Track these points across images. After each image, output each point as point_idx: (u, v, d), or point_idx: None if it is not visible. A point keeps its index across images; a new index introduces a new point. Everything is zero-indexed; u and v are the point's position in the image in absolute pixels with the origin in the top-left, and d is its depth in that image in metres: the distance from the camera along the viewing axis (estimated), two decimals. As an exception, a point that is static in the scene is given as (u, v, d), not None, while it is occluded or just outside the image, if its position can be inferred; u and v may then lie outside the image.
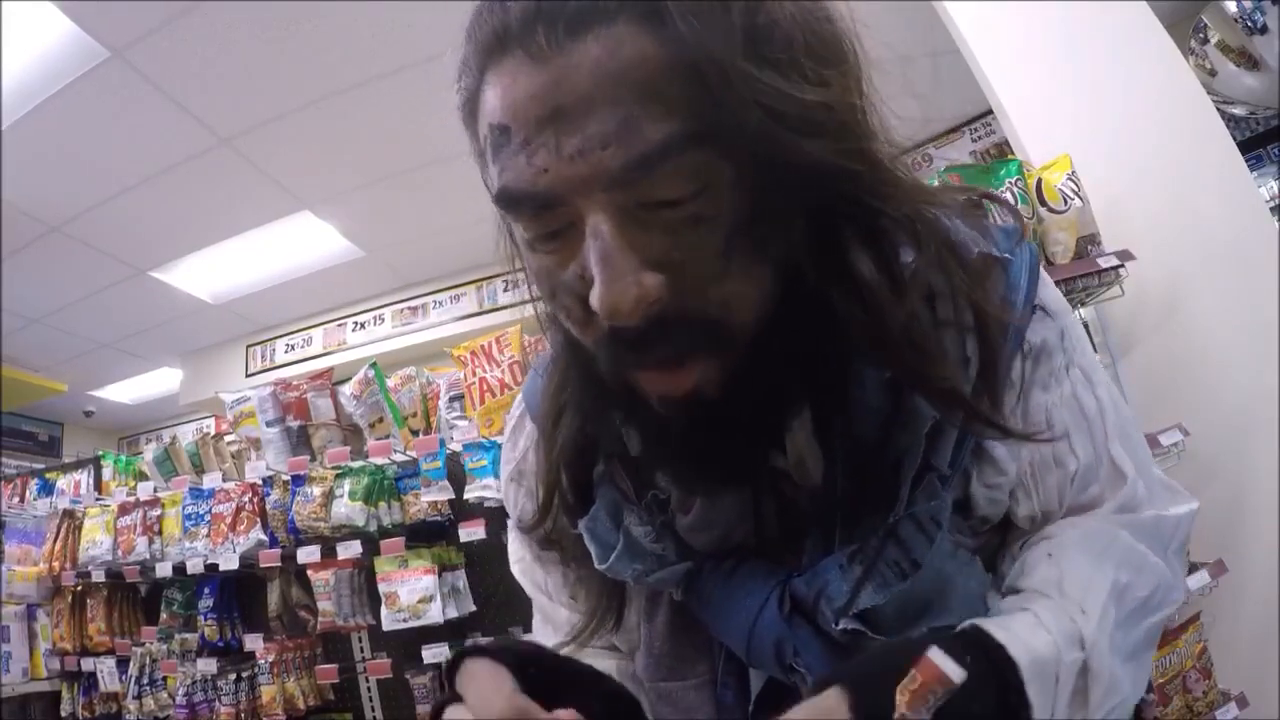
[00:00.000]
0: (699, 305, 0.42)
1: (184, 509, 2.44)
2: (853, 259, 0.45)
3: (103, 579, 2.57)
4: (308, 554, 2.19)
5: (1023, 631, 0.45)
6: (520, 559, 0.70)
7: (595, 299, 0.40)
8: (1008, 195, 1.70)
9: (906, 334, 0.45)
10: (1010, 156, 1.87)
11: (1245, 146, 3.12)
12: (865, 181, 0.44)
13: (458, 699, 0.42)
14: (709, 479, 0.50)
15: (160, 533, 2.49)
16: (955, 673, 0.35)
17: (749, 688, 0.54)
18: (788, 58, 0.40)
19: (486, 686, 0.41)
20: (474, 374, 2.18)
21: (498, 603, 2.27)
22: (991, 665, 0.42)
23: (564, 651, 0.60)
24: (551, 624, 0.69)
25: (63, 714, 2.66)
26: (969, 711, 0.40)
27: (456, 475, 2.12)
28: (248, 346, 5.42)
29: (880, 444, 0.49)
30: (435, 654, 2.03)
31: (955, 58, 2.25)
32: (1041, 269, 0.55)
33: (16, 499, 3.33)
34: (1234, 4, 2.96)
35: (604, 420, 0.53)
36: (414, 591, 2.07)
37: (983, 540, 0.55)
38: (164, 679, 2.43)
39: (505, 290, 4.64)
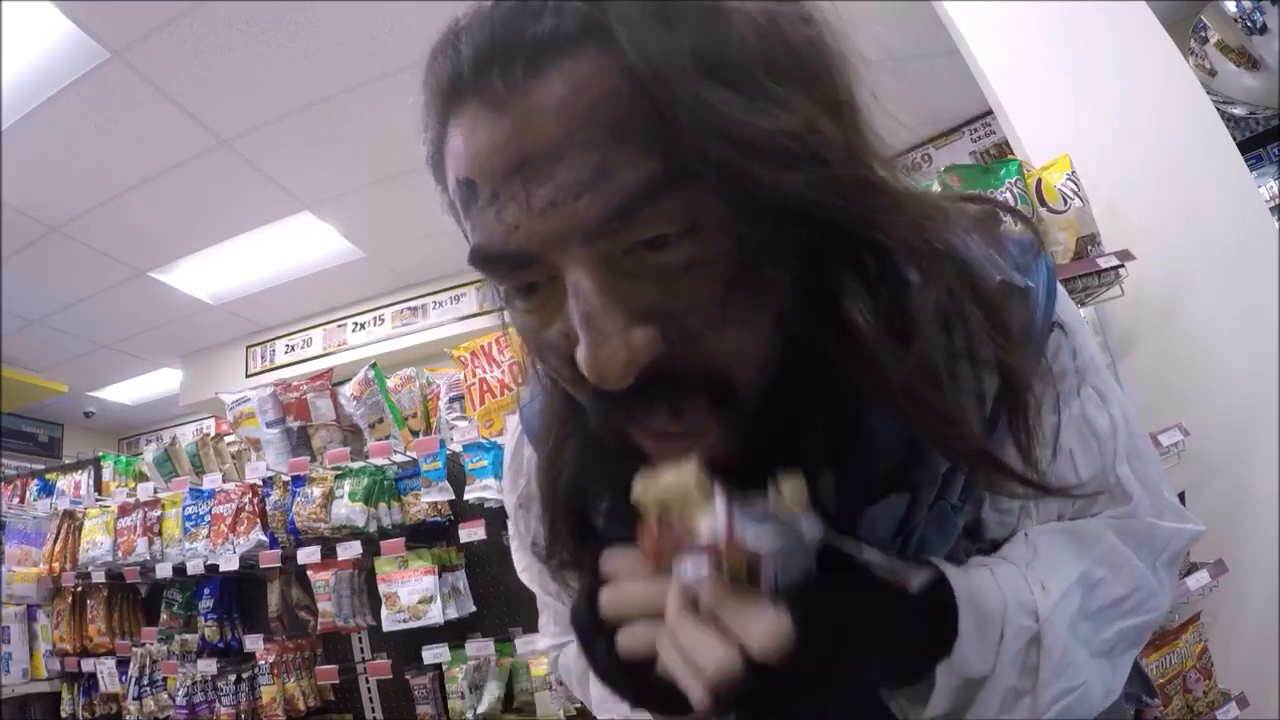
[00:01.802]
0: (697, 357, 0.39)
1: (184, 510, 2.44)
2: (846, 306, 0.40)
3: (103, 580, 2.57)
4: (308, 555, 2.18)
5: (978, 581, 0.46)
6: (527, 568, 0.71)
7: (582, 364, 0.37)
8: (1007, 196, 1.71)
9: (914, 387, 0.41)
10: (1010, 156, 1.87)
11: (1245, 146, 3.13)
12: (856, 212, 0.39)
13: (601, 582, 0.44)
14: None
15: (160, 533, 2.49)
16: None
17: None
18: (748, 77, 0.35)
19: (634, 559, 0.42)
20: (474, 374, 2.18)
21: (498, 603, 2.27)
22: (931, 592, 0.44)
23: None
24: (563, 624, 0.69)
25: (63, 715, 2.65)
26: (887, 611, 0.42)
27: (456, 476, 2.12)
28: (248, 347, 5.42)
29: (895, 481, 0.48)
30: (435, 655, 2.03)
31: (955, 58, 2.25)
32: (1057, 283, 0.53)
33: (16, 500, 3.33)
34: (1234, 4, 2.96)
35: (604, 465, 0.50)
36: (414, 592, 2.07)
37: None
38: (164, 680, 2.43)
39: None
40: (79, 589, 2.65)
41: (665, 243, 0.37)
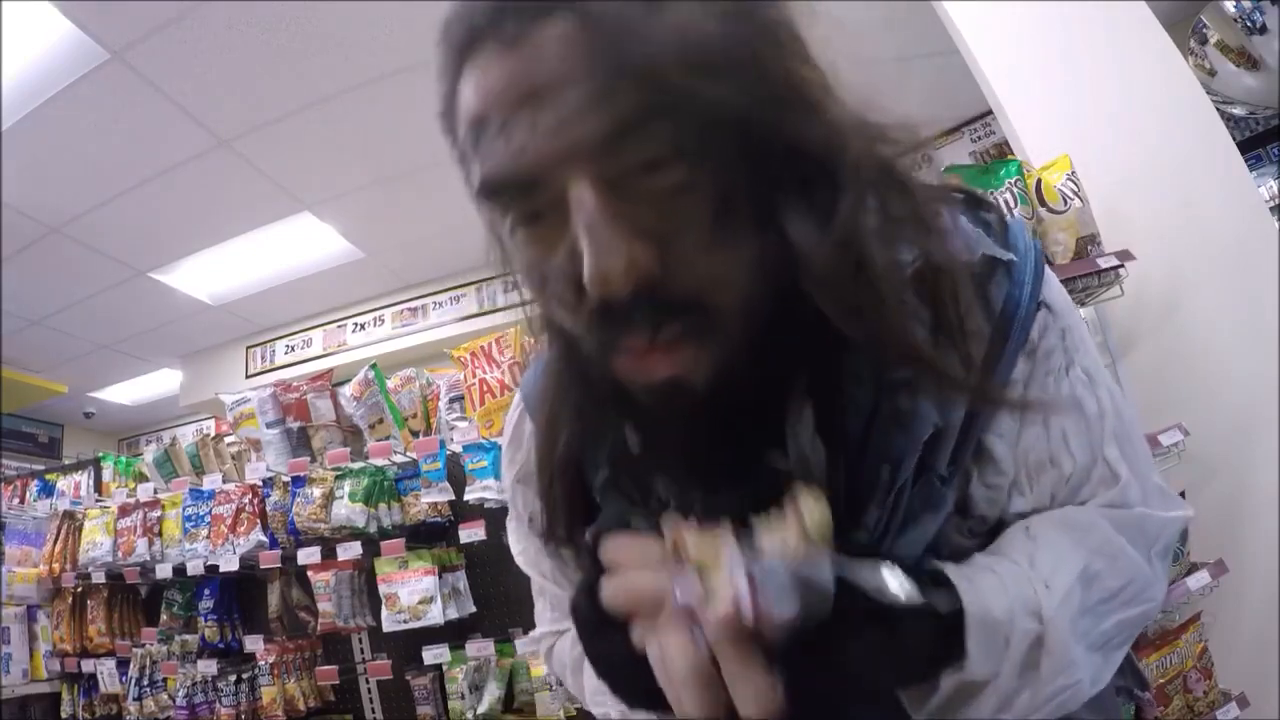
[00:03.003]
0: (687, 281, 0.42)
1: (184, 510, 2.44)
2: (793, 226, 0.44)
3: (103, 580, 2.57)
4: (308, 555, 2.18)
5: (984, 586, 0.46)
6: (523, 551, 0.70)
7: (586, 271, 0.40)
8: (1007, 196, 1.71)
9: (877, 301, 0.44)
10: (1010, 157, 1.87)
11: (1245, 146, 3.13)
12: (789, 128, 0.43)
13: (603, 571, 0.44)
14: (704, 479, 0.50)
15: (160, 534, 2.49)
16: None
17: None
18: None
19: (636, 548, 0.43)
20: (474, 375, 2.18)
21: (498, 604, 2.27)
22: (942, 600, 0.44)
23: None
24: (561, 609, 0.69)
25: (63, 715, 2.66)
26: (904, 643, 0.42)
27: (456, 476, 2.12)
28: (248, 348, 5.42)
29: (879, 446, 0.49)
30: (435, 655, 2.03)
31: (955, 58, 2.25)
32: (1047, 267, 0.55)
33: (17, 500, 3.33)
34: (1233, 4, 2.96)
35: (602, 423, 0.53)
36: (414, 592, 2.07)
37: (979, 542, 0.55)
38: (164, 680, 2.42)
39: (505, 291, 4.60)
40: (79, 589, 2.65)
41: (658, 167, 0.40)
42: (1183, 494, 1.68)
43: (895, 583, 0.42)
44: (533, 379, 0.66)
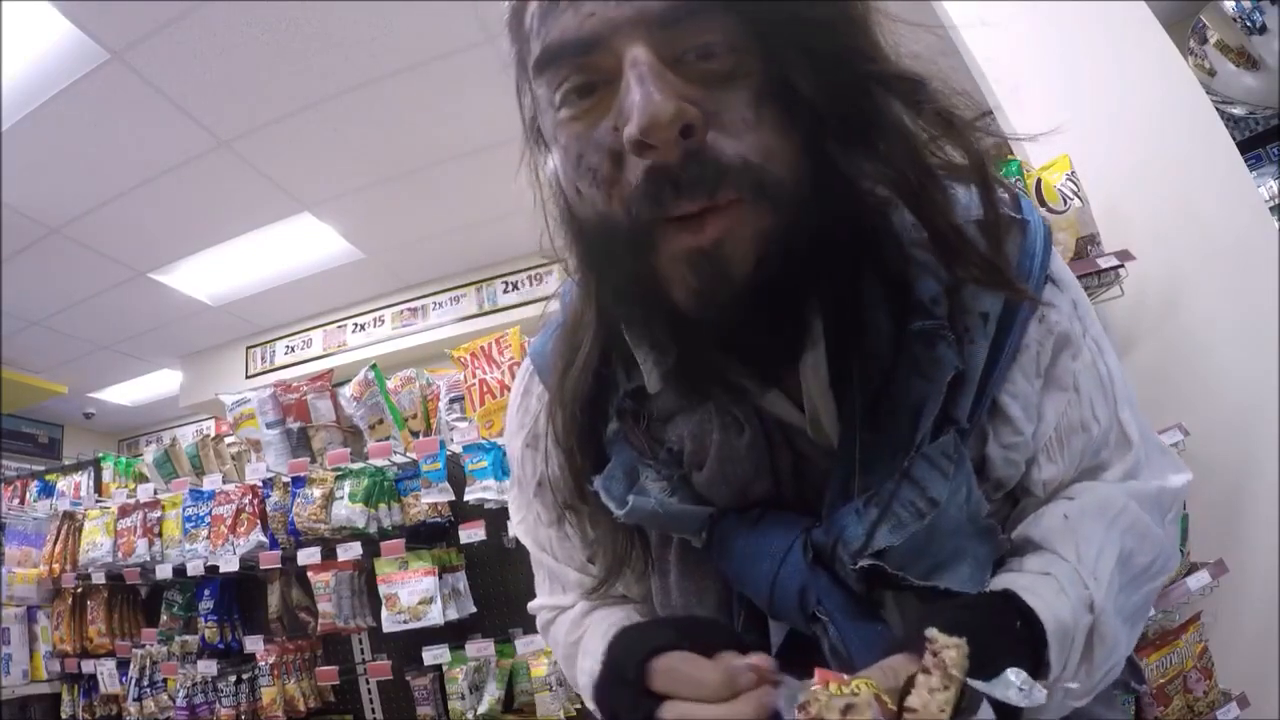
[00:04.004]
0: (734, 148, 0.43)
1: (184, 511, 2.44)
2: (874, 106, 0.46)
3: (103, 581, 2.57)
4: (308, 556, 2.18)
5: (1050, 597, 0.47)
6: (523, 520, 0.70)
7: (634, 116, 0.41)
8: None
9: (924, 174, 0.47)
10: (1010, 156, 1.87)
11: (1245, 146, 3.13)
12: (868, 40, 0.46)
13: (659, 699, 0.42)
14: (721, 381, 0.51)
15: (160, 535, 2.49)
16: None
17: (769, 641, 0.55)
18: None
19: (691, 670, 0.42)
20: (474, 375, 2.18)
21: (498, 604, 2.27)
22: (1023, 628, 0.45)
23: (581, 605, 0.66)
24: (559, 582, 0.70)
25: (63, 716, 2.66)
26: (996, 666, 0.41)
27: (456, 477, 2.12)
28: (248, 348, 5.42)
29: (901, 392, 0.50)
30: (435, 656, 2.03)
31: (954, 58, 2.25)
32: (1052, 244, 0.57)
33: (16, 501, 3.32)
34: (1233, 4, 2.96)
35: (630, 315, 0.53)
36: (414, 593, 2.07)
37: (995, 508, 0.56)
38: (164, 681, 2.43)
39: (505, 292, 4.64)
40: (79, 590, 2.65)
41: (712, 53, 0.43)
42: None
43: (1016, 689, 0.41)
44: (543, 342, 0.66)
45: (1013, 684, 0.40)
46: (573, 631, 0.67)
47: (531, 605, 0.75)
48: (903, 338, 0.50)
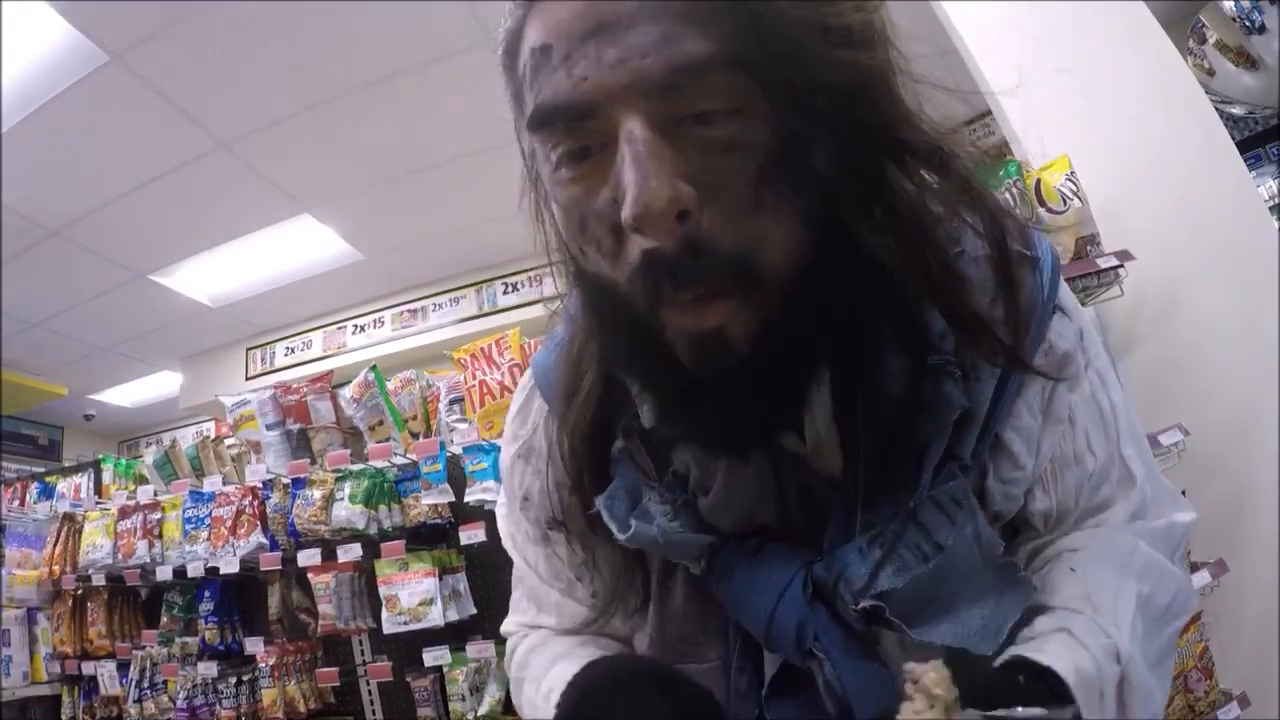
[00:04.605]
0: (731, 236, 0.42)
1: (184, 512, 2.44)
2: (890, 179, 0.44)
3: (103, 582, 2.57)
4: (308, 557, 2.18)
5: (1063, 652, 0.45)
6: (511, 535, 0.69)
7: (628, 201, 0.40)
8: (1007, 196, 1.71)
9: (940, 257, 0.46)
10: (1009, 157, 1.87)
11: (1244, 146, 3.13)
12: (890, 105, 0.44)
13: None
14: (729, 441, 0.49)
15: (160, 536, 2.49)
16: None
17: (763, 672, 0.54)
18: None
19: None
20: (474, 377, 2.18)
21: (499, 605, 2.25)
22: (1046, 687, 0.43)
23: (588, 630, 0.63)
24: (536, 603, 0.68)
25: (63, 718, 2.65)
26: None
27: (457, 478, 2.11)
28: (247, 350, 5.42)
29: (905, 430, 0.49)
30: (436, 657, 2.03)
31: (954, 58, 2.25)
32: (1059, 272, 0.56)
33: (16, 502, 3.32)
34: (1232, 4, 2.96)
35: (630, 368, 0.52)
36: (415, 594, 2.07)
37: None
38: (164, 682, 2.42)
39: (505, 293, 4.64)
40: (79, 592, 2.65)
41: (712, 119, 0.41)
42: (1183, 494, 1.68)
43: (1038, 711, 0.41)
44: (545, 356, 0.64)
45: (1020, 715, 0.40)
46: (532, 655, 0.65)
47: (505, 625, 0.72)
48: (909, 374, 0.49)
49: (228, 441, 2.68)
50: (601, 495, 0.54)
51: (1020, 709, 0.40)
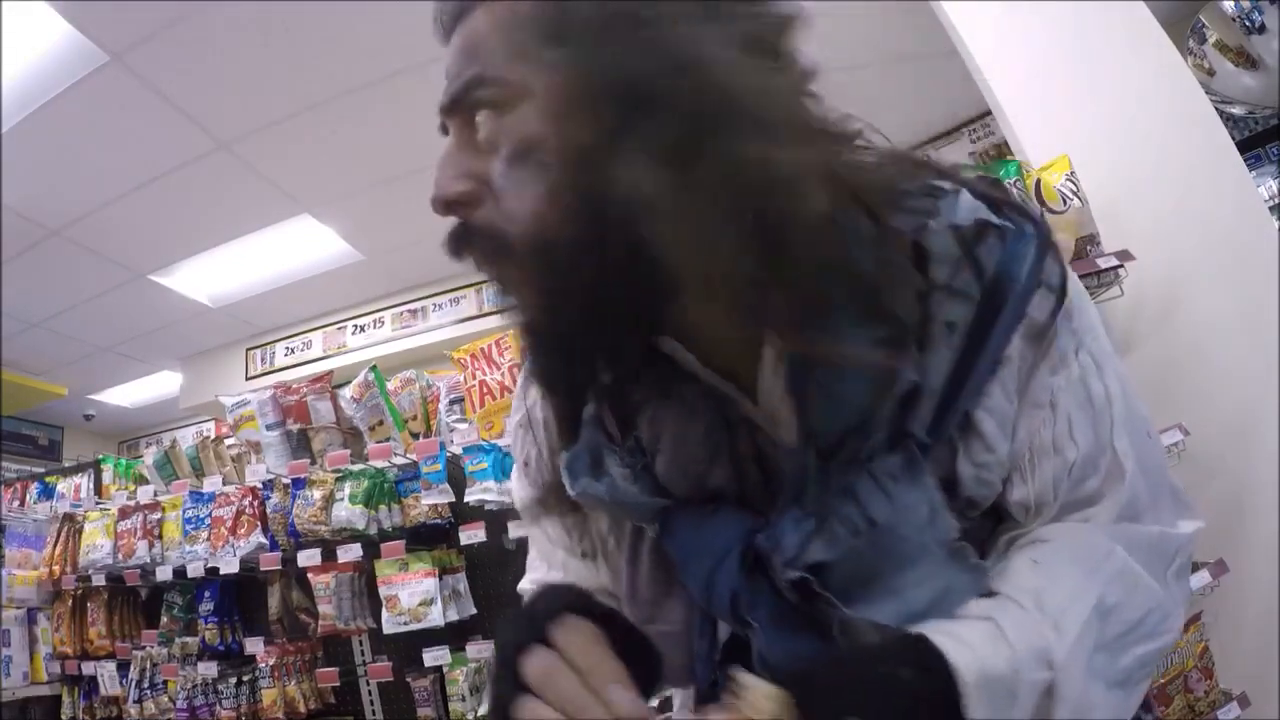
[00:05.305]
0: (490, 215, 0.47)
1: (184, 512, 2.44)
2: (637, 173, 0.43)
3: (103, 583, 2.57)
4: (308, 557, 2.18)
5: (976, 642, 0.44)
6: (522, 499, 0.71)
7: None
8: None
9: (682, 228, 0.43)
10: (1009, 157, 1.87)
11: (1244, 146, 3.13)
12: (675, 88, 0.42)
13: (546, 643, 0.46)
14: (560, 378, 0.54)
15: (160, 536, 2.49)
16: None
17: (718, 636, 0.55)
18: None
19: (587, 646, 0.45)
20: (474, 377, 2.18)
21: (499, 605, 2.27)
22: (928, 676, 0.42)
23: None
24: (547, 561, 0.71)
25: (63, 718, 2.65)
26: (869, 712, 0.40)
27: (457, 478, 2.11)
28: (247, 350, 5.42)
29: (854, 400, 0.48)
30: (436, 657, 2.03)
31: (954, 58, 2.25)
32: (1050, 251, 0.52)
33: (17, 503, 3.32)
34: (1232, 3, 2.96)
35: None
36: (415, 594, 2.07)
37: (972, 525, 0.52)
38: (164, 683, 2.42)
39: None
40: (79, 592, 2.65)
41: (475, 114, 0.47)
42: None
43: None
44: None
45: None
46: None
47: (520, 585, 0.74)
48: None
49: (228, 442, 2.68)
50: (565, 453, 0.56)
51: None
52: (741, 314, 0.47)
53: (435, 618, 2.04)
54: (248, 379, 5.30)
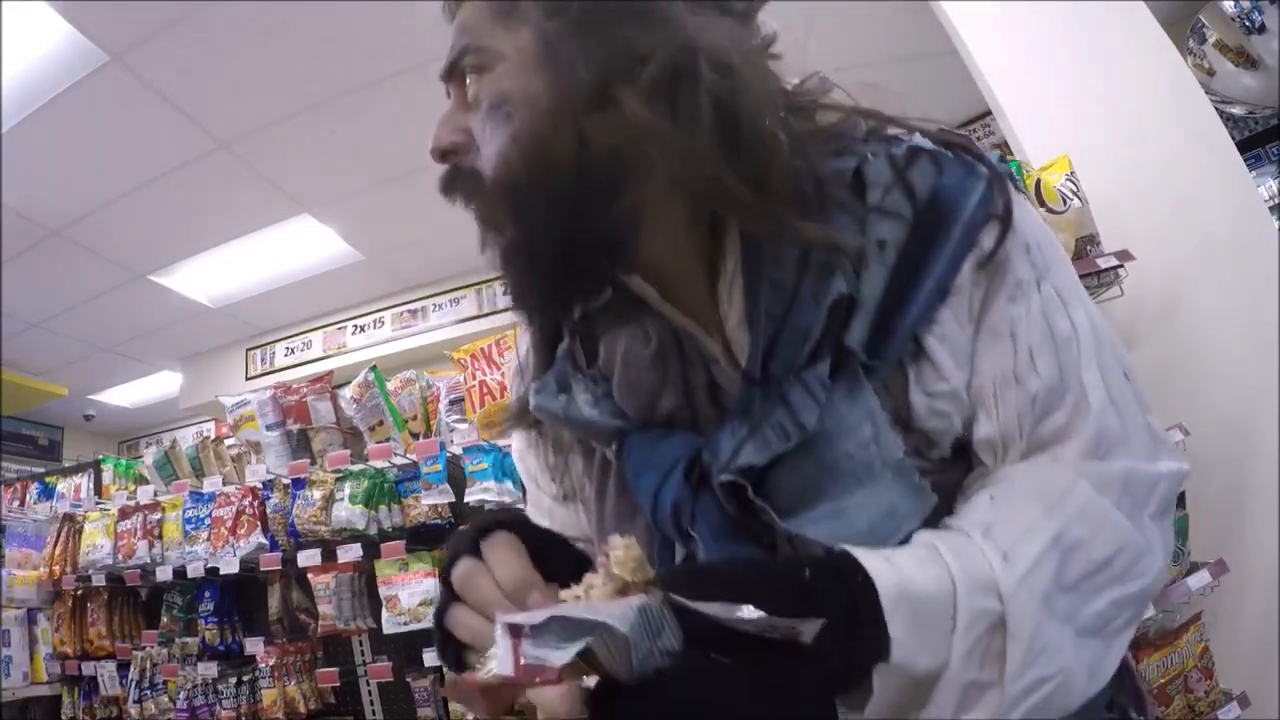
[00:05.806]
0: (473, 160, 0.53)
1: (184, 513, 2.44)
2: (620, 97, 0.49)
3: (103, 583, 2.57)
4: (308, 557, 2.18)
5: (904, 563, 0.43)
6: (516, 448, 0.74)
7: None
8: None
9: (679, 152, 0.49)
10: (1009, 157, 1.87)
11: (1244, 146, 3.13)
12: (624, 29, 0.48)
13: (476, 556, 0.48)
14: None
15: (160, 536, 2.49)
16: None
17: (675, 557, 0.55)
18: None
19: (507, 554, 0.47)
20: (474, 377, 2.18)
21: (498, 605, 2.26)
22: (844, 588, 0.41)
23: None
24: (537, 508, 0.72)
25: (63, 718, 2.65)
26: (783, 665, 0.38)
27: (457, 478, 2.12)
28: (247, 350, 5.42)
29: (797, 319, 0.50)
30: (436, 657, 2.03)
31: (954, 59, 2.25)
32: (1022, 197, 0.53)
33: (17, 503, 3.32)
34: (1232, 4, 2.96)
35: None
36: (414, 594, 2.07)
37: (942, 477, 0.51)
38: (165, 683, 2.42)
39: (505, 293, 4.63)
40: (79, 592, 2.65)
41: (464, 79, 0.54)
42: (1182, 495, 1.68)
43: (747, 610, 0.37)
44: None
45: (738, 614, 0.36)
46: None
47: None
48: (798, 264, 0.50)
49: (228, 442, 2.68)
50: (535, 381, 0.59)
51: (746, 610, 0.36)
52: (701, 203, 0.53)
53: (435, 618, 2.04)
54: (248, 379, 5.30)
